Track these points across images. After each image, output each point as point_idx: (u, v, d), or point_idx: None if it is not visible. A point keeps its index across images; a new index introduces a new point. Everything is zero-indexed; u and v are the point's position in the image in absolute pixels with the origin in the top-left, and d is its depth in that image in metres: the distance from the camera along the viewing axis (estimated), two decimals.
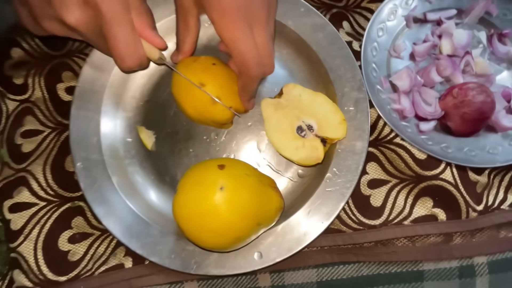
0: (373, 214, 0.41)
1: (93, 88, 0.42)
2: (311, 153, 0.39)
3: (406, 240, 0.40)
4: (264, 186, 0.36)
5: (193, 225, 0.33)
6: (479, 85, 0.43)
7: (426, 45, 0.45)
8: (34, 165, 0.43)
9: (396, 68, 0.45)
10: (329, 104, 0.40)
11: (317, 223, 0.38)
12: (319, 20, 0.43)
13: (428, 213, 0.40)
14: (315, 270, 0.40)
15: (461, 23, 0.47)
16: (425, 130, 0.43)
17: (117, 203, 0.40)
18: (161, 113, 0.43)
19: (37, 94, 0.45)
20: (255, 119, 0.43)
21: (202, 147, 0.42)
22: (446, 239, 0.40)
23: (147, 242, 0.39)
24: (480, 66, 0.45)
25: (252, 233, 0.35)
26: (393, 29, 0.46)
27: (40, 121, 0.44)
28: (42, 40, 0.46)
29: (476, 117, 0.42)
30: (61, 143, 0.43)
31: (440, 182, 0.41)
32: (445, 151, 0.42)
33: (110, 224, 0.39)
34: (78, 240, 0.41)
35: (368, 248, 0.40)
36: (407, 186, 0.41)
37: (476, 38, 0.46)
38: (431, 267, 0.40)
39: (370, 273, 0.40)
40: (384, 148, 0.43)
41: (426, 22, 0.47)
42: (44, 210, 0.41)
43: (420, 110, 0.44)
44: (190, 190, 0.34)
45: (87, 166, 0.40)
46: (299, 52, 0.44)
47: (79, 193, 0.42)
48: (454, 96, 0.43)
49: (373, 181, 0.42)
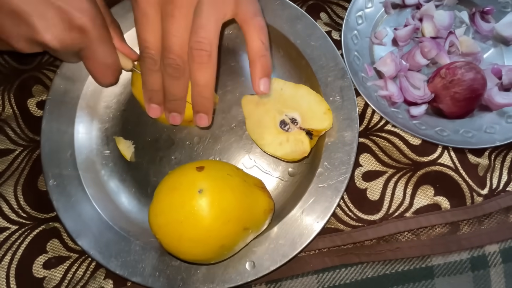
0: (371, 209, 0.33)
1: (65, 100, 0.36)
2: (296, 147, 0.32)
3: (410, 234, 0.33)
4: (249, 186, 0.29)
5: (171, 235, 0.27)
6: (467, 63, 0.36)
7: (407, 29, 0.39)
8: (5, 186, 0.36)
9: (379, 55, 0.39)
10: (312, 95, 0.34)
11: (312, 222, 0.31)
12: (295, 12, 0.37)
13: (430, 202, 0.33)
14: (315, 277, 0.32)
15: (441, 4, 0.41)
16: (417, 114, 0.36)
17: (93, 220, 0.33)
18: (140, 121, 0.37)
19: (7, 111, 0.38)
20: (239, 119, 0.36)
21: (184, 153, 0.36)
22: (453, 229, 0.33)
23: (128, 261, 0.31)
24: (466, 44, 0.39)
25: (239, 239, 0.28)
26: (372, 16, 0.40)
27: (11, 139, 0.37)
28: (9, 55, 0.39)
29: (468, 95, 0.36)
30: (33, 162, 0.36)
31: (439, 168, 0.34)
32: (440, 135, 0.35)
33: (86, 244, 0.32)
34: (54, 265, 0.33)
35: (369, 247, 0.33)
36: (404, 175, 0.34)
37: (458, 18, 0.40)
38: (440, 262, 0.33)
39: (375, 275, 0.32)
40: (375, 137, 0.36)
41: (405, 7, 0.41)
42: (16, 234, 0.34)
43: (409, 94, 0.37)
44: (165, 196, 0.27)
45: (61, 183, 0.33)
46: (277, 46, 0.38)
47: (53, 214, 0.35)
48: (443, 77, 0.36)
49: (368, 173, 0.35)
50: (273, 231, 0.31)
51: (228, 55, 0.38)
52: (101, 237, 0.32)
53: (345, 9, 0.40)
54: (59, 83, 0.36)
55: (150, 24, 0.28)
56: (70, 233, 0.32)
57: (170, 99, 0.30)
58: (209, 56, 0.27)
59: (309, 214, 0.32)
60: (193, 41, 0.26)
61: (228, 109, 0.37)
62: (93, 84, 0.36)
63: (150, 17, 0.27)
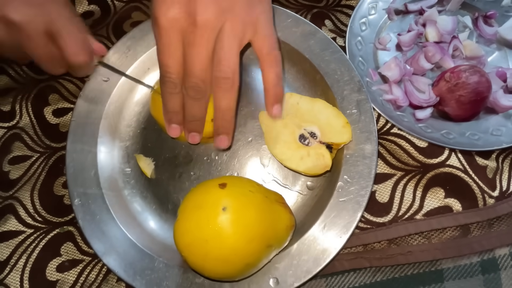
0: (380, 211, 0.31)
1: (87, 121, 0.34)
2: (317, 161, 0.30)
3: (421, 237, 0.30)
4: (271, 203, 0.27)
5: (196, 254, 0.25)
6: (471, 66, 0.34)
7: (411, 34, 0.37)
8: (22, 191, 0.34)
9: (383, 60, 0.37)
10: (330, 109, 0.31)
11: (335, 238, 0.29)
12: (308, 28, 0.34)
13: (441, 205, 0.31)
14: (323, 280, 0.30)
15: (444, 10, 0.39)
16: (422, 118, 0.34)
17: (118, 238, 0.31)
18: (159, 138, 0.35)
19: (24, 119, 0.37)
20: (255, 134, 0.34)
21: (203, 169, 0.33)
22: (464, 232, 0.30)
23: (153, 278, 0.29)
24: (470, 48, 0.36)
25: (262, 256, 0.26)
26: (375, 23, 0.38)
27: (29, 146, 0.36)
28: (27, 66, 0.38)
29: (473, 98, 0.33)
30: (49, 167, 0.35)
31: (449, 169, 0.32)
32: (446, 137, 0.33)
33: (111, 262, 0.30)
34: (67, 268, 0.31)
35: (380, 251, 0.30)
36: (414, 178, 0.32)
37: (462, 23, 0.38)
38: (450, 265, 0.30)
39: (385, 278, 0.30)
40: (382, 140, 0.33)
41: (408, 13, 0.39)
42: (31, 237, 0.32)
43: (414, 98, 0.35)
44: (190, 214, 0.25)
45: (85, 202, 0.31)
46: (292, 61, 0.35)
47: (68, 217, 0.33)
48: (447, 80, 0.34)
49: (377, 175, 0.32)
50: (296, 247, 0.29)
51: (242, 70, 0.36)
52: (126, 255, 0.30)
53: (349, 16, 0.38)
54: (82, 105, 0.34)
55: (172, 50, 0.27)
56: (96, 251, 0.30)
57: (190, 119, 0.30)
58: (232, 83, 0.27)
59: (331, 229, 0.29)
60: (217, 71, 0.27)
61: (244, 123, 0.34)
62: (114, 104, 0.34)
63: (172, 44, 0.26)
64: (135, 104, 0.36)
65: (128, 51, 0.35)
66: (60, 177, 0.34)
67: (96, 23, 0.39)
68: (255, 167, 0.33)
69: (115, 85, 0.35)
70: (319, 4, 0.40)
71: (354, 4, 0.39)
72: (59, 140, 0.36)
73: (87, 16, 0.40)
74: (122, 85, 0.35)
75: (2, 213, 0.33)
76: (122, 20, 0.39)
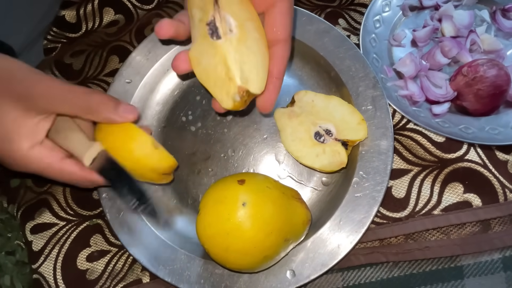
0: (396, 206, 0.29)
1: None
2: (333, 158, 0.29)
3: (439, 233, 0.28)
4: (288, 199, 0.26)
5: (218, 246, 0.25)
6: (488, 60, 0.31)
7: (426, 29, 0.35)
8: (55, 186, 0.35)
9: (398, 56, 0.35)
10: (345, 106, 0.30)
11: (351, 232, 0.27)
12: (322, 26, 0.33)
13: (460, 200, 0.29)
14: (340, 274, 0.28)
15: (460, 4, 0.36)
16: (439, 113, 0.32)
17: (142, 230, 0.31)
18: (179, 136, 0.34)
19: None
20: (271, 131, 0.33)
21: (220, 165, 0.33)
22: (484, 228, 0.28)
23: (175, 269, 0.29)
24: (488, 42, 0.34)
25: (280, 249, 0.25)
26: (389, 20, 0.36)
27: None
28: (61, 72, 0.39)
29: (492, 92, 0.31)
30: None
31: (467, 164, 0.30)
32: (465, 132, 0.31)
33: (136, 253, 0.30)
34: (96, 258, 0.32)
35: (397, 246, 0.28)
36: (431, 173, 0.30)
37: (479, 17, 0.35)
38: (470, 262, 0.28)
39: (402, 274, 0.28)
40: (398, 135, 0.32)
41: (423, 9, 0.37)
42: (63, 229, 0.33)
43: (431, 93, 0.33)
44: (212, 209, 0.25)
45: (112, 197, 0.31)
46: (306, 59, 0.34)
47: (97, 211, 0.33)
48: (465, 75, 0.31)
49: (393, 171, 0.30)
50: (312, 241, 0.28)
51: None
52: (149, 247, 0.30)
53: (362, 14, 0.37)
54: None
55: None
56: (122, 242, 0.30)
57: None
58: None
59: (347, 224, 0.28)
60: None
61: (259, 120, 0.33)
62: (137, 104, 0.34)
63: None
64: (156, 103, 0.35)
65: (148, 54, 0.35)
66: None
67: (120, 30, 0.40)
68: (270, 163, 0.32)
69: (137, 87, 0.35)
70: (332, 3, 0.38)
71: (367, 2, 0.37)
72: None
73: (113, 25, 0.40)
74: (144, 86, 0.35)
75: (38, 206, 0.34)
76: (144, 26, 0.39)
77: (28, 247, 0.32)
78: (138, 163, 0.26)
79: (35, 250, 0.32)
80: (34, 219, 0.33)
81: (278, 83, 0.24)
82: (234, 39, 0.22)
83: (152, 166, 0.26)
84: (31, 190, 0.35)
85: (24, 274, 0.32)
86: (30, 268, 0.32)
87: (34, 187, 0.35)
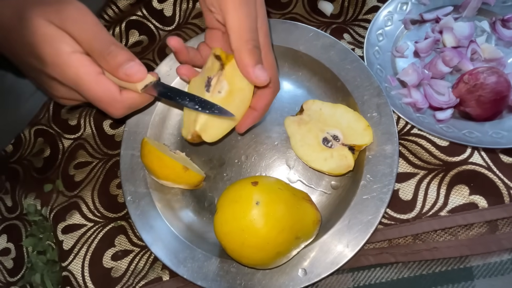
0: (403, 208, 0.29)
1: (137, 130, 0.35)
2: (340, 161, 0.30)
3: (447, 234, 0.28)
4: (298, 200, 0.27)
5: (234, 242, 0.25)
6: (488, 68, 0.32)
7: (428, 41, 0.35)
8: (84, 191, 0.36)
9: (401, 67, 0.36)
10: (351, 113, 0.31)
11: (359, 232, 0.28)
12: (328, 40, 0.34)
13: (466, 202, 0.28)
14: (350, 275, 0.28)
15: (460, 17, 0.37)
16: (443, 118, 0.32)
17: (163, 230, 0.32)
18: (195, 144, 0.35)
19: (87, 131, 0.39)
20: (281, 138, 0.34)
21: (234, 170, 0.34)
22: (492, 229, 0.28)
23: (193, 267, 0.30)
24: (488, 51, 0.34)
25: (291, 246, 0.26)
26: (392, 33, 0.37)
27: (90, 154, 0.38)
28: None
29: (493, 97, 0.31)
30: (106, 171, 0.37)
31: (472, 167, 0.29)
32: (468, 136, 0.31)
33: (158, 251, 0.31)
34: (120, 257, 0.33)
35: (405, 246, 0.28)
36: (437, 176, 0.30)
37: (479, 27, 0.36)
38: (479, 263, 0.27)
39: (412, 275, 0.27)
40: (403, 140, 0.32)
41: (424, 22, 0.37)
42: (91, 230, 0.34)
43: (434, 100, 0.33)
44: (228, 208, 0.26)
45: (136, 199, 0.33)
46: (313, 71, 0.35)
47: (121, 213, 0.35)
48: (466, 82, 0.32)
49: (399, 174, 0.30)
50: (322, 240, 0.28)
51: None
52: (170, 246, 0.30)
53: (366, 29, 0.37)
54: (133, 116, 0.36)
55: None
56: (145, 242, 0.31)
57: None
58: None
59: (356, 224, 0.28)
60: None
61: (270, 128, 0.34)
62: (159, 115, 0.36)
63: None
64: (176, 115, 0.37)
65: (169, 70, 0.37)
66: (115, 179, 0.36)
67: (144, 50, 0.42)
68: (281, 168, 0.33)
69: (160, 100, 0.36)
70: (337, 20, 0.39)
71: (370, 18, 0.38)
72: (114, 148, 0.38)
73: (138, 45, 0.43)
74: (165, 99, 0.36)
75: (69, 209, 0.35)
76: (165, 45, 0.41)
77: (59, 246, 0.34)
78: (175, 182, 0.32)
79: (65, 249, 0.34)
80: (65, 220, 0.35)
81: (256, 115, 0.28)
82: (218, 99, 0.27)
83: (185, 183, 0.32)
84: (62, 194, 0.36)
85: (54, 272, 0.34)
86: (60, 266, 0.33)
87: (65, 191, 0.36)
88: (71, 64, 0.24)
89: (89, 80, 0.24)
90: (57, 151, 0.39)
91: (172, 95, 0.27)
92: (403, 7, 0.37)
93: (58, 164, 0.38)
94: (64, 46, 0.24)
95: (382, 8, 0.37)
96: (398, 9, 0.37)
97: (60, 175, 0.37)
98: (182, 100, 0.26)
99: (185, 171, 0.30)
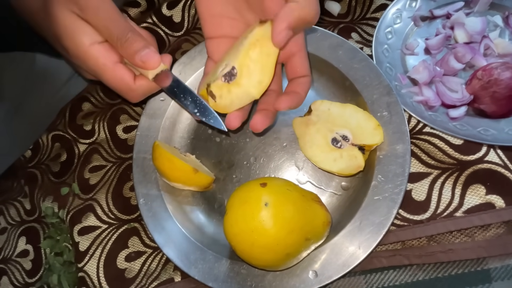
0: (417, 209, 0.28)
1: (149, 134, 0.36)
2: (350, 162, 0.29)
3: (463, 235, 0.26)
4: (307, 201, 0.27)
5: (244, 243, 0.25)
6: (502, 63, 0.30)
7: (439, 37, 0.34)
8: (99, 193, 0.37)
9: (412, 64, 0.34)
10: (360, 112, 0.30)
11: (371, 234, 0.27)
12: (335, 40, 0.33)
13: (482, 202, 0.27)
14: (362, 277, 0.27)
15: (472, 12, 0.35)
16: (456, 116, 0.31)
17: (174, 232, 0.31)
18: (205, 147, 0.36)
19: (101, 136, 0.40)
20: (290, 140, 0.33)
21: (243, 172, 0.33)
22: (510, 229, 0.26)
23: (204, 268, 0.29)
24: (502, 46, 0.32)
25: (301, 248, 0.25)
26: (401, 31, 0.36)
27: (104, 157, 0.39)
28: (104, 93, 0.42)
29: (508, 93, 0.29)
30: (120, 174, 0.37)
31: (488, 165, 0.28)
32: (484, 134, 0.29)
33: (170, 253, 0.30)
34: (133, 259, 0.33)
35: (419, 248, 0.27)
36: (451, 175, 0.28)
37: (492, 22, 0.34)
38: (497, 265, 0.26)
39: (427, 277, 0.26)
40: (415, 140, 0.31)
41: (434, 18, 0.36)
42: (106, 232, 0.35)
43: (447, 98, 0.32)
44: (237, 209, 0.26)
45: (148, 201, 0.33)
46: (321, 71, 0.34)
47: (134, 215, 0.35)
48: (479, 78, 0.30)
49: (412, 174, 0.29)
50: (333, 242, 0.27)
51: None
52: (181, 247, 0.30)
53: (374, 27, 0.36)
54: (144, 121, 0.36)
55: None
56: (157, 244, 0.31)
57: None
58: None
59: (367, 226, 0.27)
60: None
61: (278, 130, 0.34)
62: (169, 119, 0.36)
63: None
64: (185, 118, 0.37)
65: (179, 74, 0.37)
66: (128, 182, 0.36)
67: None
68: (290, 169, 0.32)
69: (170, 104, 0.36)
70: (345, 19, 0.38)
71: (378, 16, 0.37)
72: (127, 152, 0.38)
73: None
74: (175, 104, 0.36)
75: (84, 211, 0.36)
76: (174, 50, 0.41)
77: (75, 248, 0.34)
78: (185, 184, 0.32)
79: (81, 250, 0.34)
80: (81, 222, 0.35)
81: (290, 101, 0.26)
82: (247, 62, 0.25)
83: (195, 185, 0.32)
84: (78, 197, 0.37)
85: (70, 273, 0.34)
86: (76, 268, 0.34)
87: (81, 194, 0.37)
88: (90, 56, 0.25)
89: (106, 70, 0.26)
90: (73, 156, 0.39)
91: (178, 91, 0.27)
92: (412, 4, 0.36)
93: (74, 168, 0.38)
94: (83, 39, 0.25)
95: (391, 6, 0.36)
96: (407, 6, 0.36)
97: (76, 179, 0.38)
98: (184, 100, 0.27)
99: (195, 173, 0.30)
